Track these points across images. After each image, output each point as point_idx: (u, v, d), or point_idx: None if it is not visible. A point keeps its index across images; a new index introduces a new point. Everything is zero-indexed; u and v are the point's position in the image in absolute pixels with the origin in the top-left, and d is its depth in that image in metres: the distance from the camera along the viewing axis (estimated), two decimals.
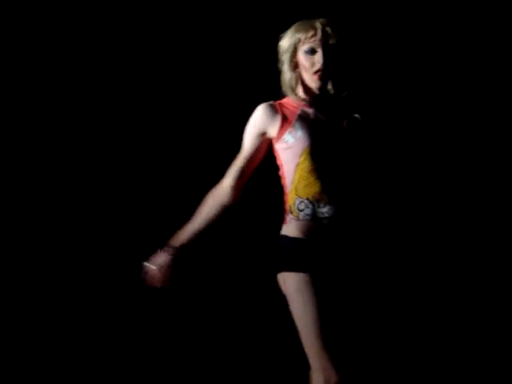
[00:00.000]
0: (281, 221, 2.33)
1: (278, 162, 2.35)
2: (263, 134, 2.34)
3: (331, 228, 2.26)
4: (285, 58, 2.35)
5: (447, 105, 3.43)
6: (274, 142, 2.34)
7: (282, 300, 2.25)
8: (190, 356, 3.31)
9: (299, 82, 2.34)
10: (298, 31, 2.32)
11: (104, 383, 3.22)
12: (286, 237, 2.31)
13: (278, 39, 2.37)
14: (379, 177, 2.39)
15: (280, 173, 2.35)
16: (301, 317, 2.21)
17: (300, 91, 2.36)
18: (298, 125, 2.31)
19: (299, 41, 2.30)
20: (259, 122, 2.35)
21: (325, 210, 2.26)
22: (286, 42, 2.34)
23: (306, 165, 2.28)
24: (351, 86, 2.35)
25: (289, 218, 2.32)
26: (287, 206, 2.33)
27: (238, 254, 3.32)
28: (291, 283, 2.24)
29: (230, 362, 3.30)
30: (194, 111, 3.37)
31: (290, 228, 2.30)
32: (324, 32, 2.28)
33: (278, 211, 2.36)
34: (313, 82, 2.31)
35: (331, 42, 2.28)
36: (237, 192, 2.33)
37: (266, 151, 2.35)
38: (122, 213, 3.33)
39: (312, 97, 2.35)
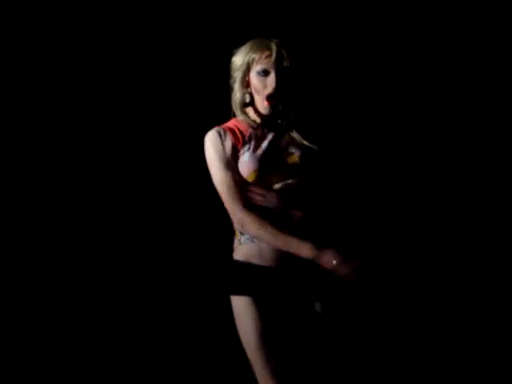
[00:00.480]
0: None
1: None
2: (227, 154, 2.27)
3: (272, 252, 2.21)
4: (237, 75, 2.30)
5: (401, 119, 3.35)
6: None
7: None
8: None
9: (249, 101, 2.29)
10: (252, 50, 2.26)
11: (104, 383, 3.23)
12: (232, 260, 2.29)
13: (230, 54, 2.33)
14: (329, 203, 2.30)
15: None
16: (246, 340, 2.18)
17: (250, 111, 2.33)
18: (245, 149, 2.27)
19: (253, 60, 2.25)
20: (216, 145, 2.27)
21: None
22: (239, 60, 2.29)
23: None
24: (301, 109, 2.30)
25: (235, 241, 2.31)
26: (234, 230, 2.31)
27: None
28: (236, 307, 2.23)
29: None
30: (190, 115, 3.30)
31: (236, 252, 2.29)
32: (279, 54, 2.22)
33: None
34: (263, 107, 2.27)
35: (285, 64, 2.22)
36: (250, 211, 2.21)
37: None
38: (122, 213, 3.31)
39: (262, 118, 2.31)
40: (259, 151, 2.26)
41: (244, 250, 2.26)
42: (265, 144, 2.28)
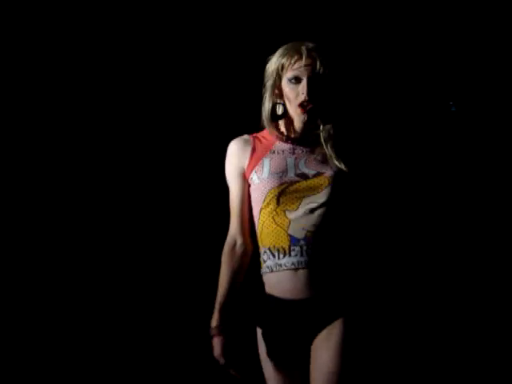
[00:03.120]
0: None
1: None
2: (242, 170, 2.15)
3: (291, 283, 2.02)
4: (268, 85, 2.11)
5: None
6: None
7: None
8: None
9: (281, 113, 2.12)
10: (282, 55, 2.07)
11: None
12: (262, 292, 2.15)
13: (265, 62, 2.15)
14: (356, 226, 2.11)
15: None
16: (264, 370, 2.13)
17: (281, 123, 2.15)
18: (266, 163, 2.10)
19: (283, 67, 2.07)
20: (233, 158, 2.16)
21: (283, 262, 2.03)
22: (270, 67, 2.11)
23: (268, 210, 2.06)
24: (337, 120, 2.10)
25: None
26: None
27: None
28: (258, 334, 2.14)
29: None
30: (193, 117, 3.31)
31: (264, 281, 2.14)
32: (310, 58, 2.04)
33: None
34: (297, 114, 2.08)
35: (318, 69, 2.03)
36: (248, 239, 2.13)
37: None
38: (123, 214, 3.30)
39: (292, 131, 2.13)
40: (281, 168, 2.08)
41: (266, 281, 2.11)
42: (290, 160, 2.11)
